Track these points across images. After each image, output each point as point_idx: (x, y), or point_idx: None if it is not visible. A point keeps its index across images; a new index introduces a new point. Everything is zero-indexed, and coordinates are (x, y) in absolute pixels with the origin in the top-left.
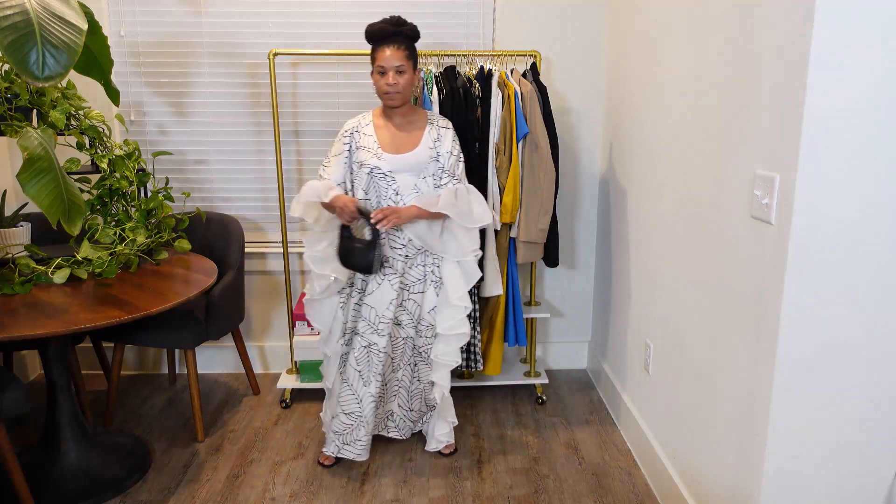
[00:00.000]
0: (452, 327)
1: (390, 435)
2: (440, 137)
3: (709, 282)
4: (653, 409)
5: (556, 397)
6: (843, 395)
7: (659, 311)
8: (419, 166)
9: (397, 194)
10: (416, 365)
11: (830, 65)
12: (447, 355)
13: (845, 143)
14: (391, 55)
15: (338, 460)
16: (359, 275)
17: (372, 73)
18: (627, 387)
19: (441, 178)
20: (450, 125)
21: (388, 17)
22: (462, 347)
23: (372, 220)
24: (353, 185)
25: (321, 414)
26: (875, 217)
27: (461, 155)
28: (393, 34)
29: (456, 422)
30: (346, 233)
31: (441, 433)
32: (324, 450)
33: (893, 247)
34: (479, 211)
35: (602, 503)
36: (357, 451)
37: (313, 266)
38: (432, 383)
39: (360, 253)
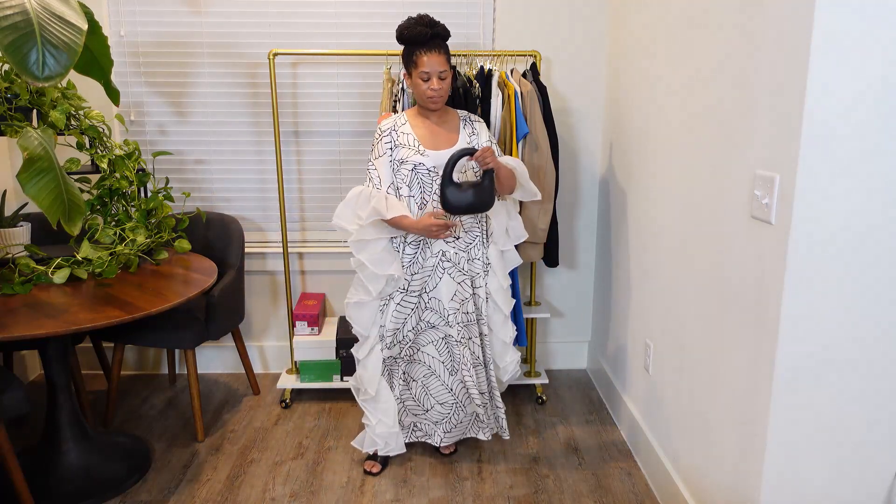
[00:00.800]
0: (508, 306)
1: (479, 436)
2: (476, 132)
3: (709, 282)
4: (653, 409)
5: (556, 397)
6: (843, 395)
7: (659, 311)
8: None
9: None
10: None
11: (830, 64)
12: (509, 333)
13: (845, 143)
14: (434, 61)
15: (384, 465)
16: (415, 276)
17: (409, 75)
18: (627, 387)
19: None
20: (482, 120)
21: (415, 16)
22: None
23: (476, 158)
24: (395, 182)
25: (363, 436)
26: (875, 217)
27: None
28: (431, 37)
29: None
30: (453, 189)
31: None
32: (376, 452)
33: (893, 246)
34: (533, 182)
35: (602, 503)
36: (459, 433)
37: (373, 267)
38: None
39: (480, 193)
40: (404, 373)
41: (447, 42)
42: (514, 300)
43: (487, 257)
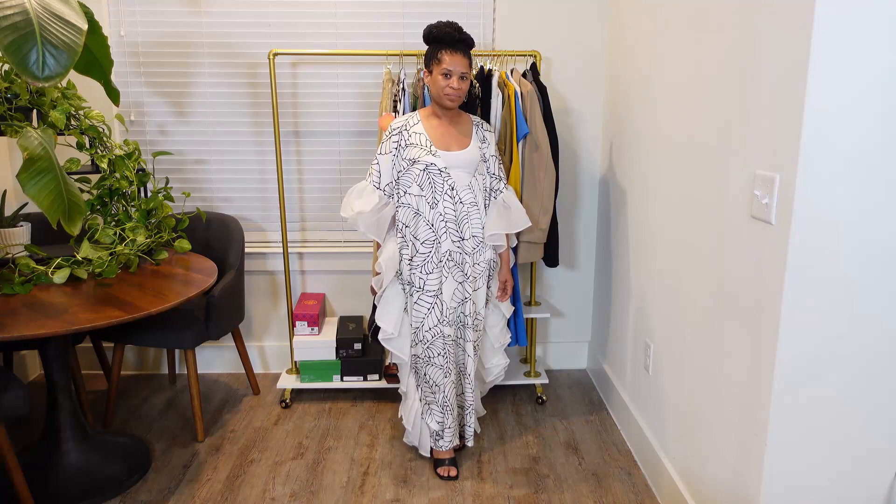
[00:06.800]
0: (508, 310)
1: (468, 444)
2: (486, 140)
3: (709, 282)
4: (653, 409)
5: (556, 397)
6: (843, 395)
7: (659, 311)
8: (472, 164)
9: (453, 189)
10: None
11: (830, 65)
12: (500, 339)
13: (845, 143)
14: (458, 61)
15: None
16: (415, 273)
17: (428, 73)
18: (627, 387)
19: (492, 181)
20: (492, 130)
21: (446, 21)
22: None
23: (497, 298)
24: (397, 182)
25: (408, 434)
26: (875, 217)
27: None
28: (458, 40)
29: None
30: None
31: (472, 422)
32: (445, 457)
33: (893, 247)
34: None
35: (602, 503)
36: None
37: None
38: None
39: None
40: (425, 374)
41: (470, 51)
42: (515, 303)
43: (494, 261)
